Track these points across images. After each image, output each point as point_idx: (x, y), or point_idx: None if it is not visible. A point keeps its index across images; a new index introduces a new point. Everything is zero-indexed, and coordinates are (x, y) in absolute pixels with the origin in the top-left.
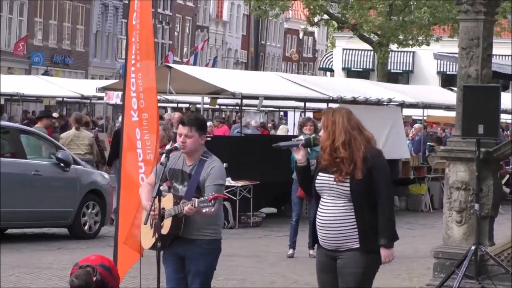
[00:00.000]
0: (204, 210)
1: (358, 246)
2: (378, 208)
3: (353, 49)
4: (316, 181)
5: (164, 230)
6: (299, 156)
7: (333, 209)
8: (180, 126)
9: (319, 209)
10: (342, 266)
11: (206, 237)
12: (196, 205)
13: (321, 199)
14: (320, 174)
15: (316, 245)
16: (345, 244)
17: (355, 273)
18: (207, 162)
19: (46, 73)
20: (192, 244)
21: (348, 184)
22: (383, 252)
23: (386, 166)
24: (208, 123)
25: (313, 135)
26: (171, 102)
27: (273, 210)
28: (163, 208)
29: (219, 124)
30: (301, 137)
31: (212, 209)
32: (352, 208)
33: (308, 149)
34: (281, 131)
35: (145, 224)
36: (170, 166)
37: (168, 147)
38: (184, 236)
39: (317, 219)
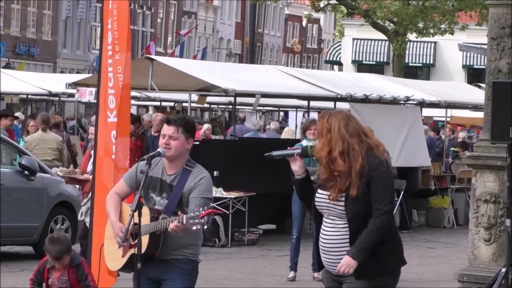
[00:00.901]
0: (194, 228)
1: (355, 275)
2: (369, 222)
3: (365, 39)
4: (316, 199)
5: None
6: (295, 167)
7: (333, 231)
8: (165, 125)
9: (321, 230)
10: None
11: (184, 256)
12: (184, 222)
13: (324, 218)
14: (319, 191)
15: (324, 268)
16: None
17: None
18: (194, 171)
19: (7, 66)
20: (168, 265)
21: (342, 204)
22: (345, 260)
23: (388, 177)
24: None
25: (311, 143)
26: (153, 100)
27: (271, 226)
28: (136, 224)
29: (197, 125)
30: (303, 142)
31: (205, 227)
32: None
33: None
34: (286, 134)
35: (123, 242)
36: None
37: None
38: (159, 257)
39: (319, 241)
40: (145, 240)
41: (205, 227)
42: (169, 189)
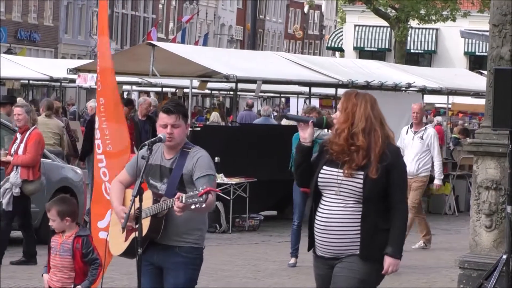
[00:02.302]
0: (193, 207)
1: (359, 253)
2: (392, 213)
3: (366, 26)
4: (320, 175)
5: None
6: (305, 134)
7: (339, 210)
8: (165, 115)
9: (320, 209)
10: (337, 271)
11: (188, 244)
12: (183, 201)
13: (323, 197)
14: (325, 167)
15: (313, 255)
16: (346, 251)
17: (350, 278)
18: (190, 152)
19: (9, 51)
20: (171, 252)
21: (361, 182)
22: (388, 260)
23: (405, 167)
24: None
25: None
26: (155, 86)
27: (272, 213)
28: (138, 208)
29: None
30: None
31: (203, 205)
32: (360, 210)
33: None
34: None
35: (124, 228)
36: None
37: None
38: (161, 242)
39: (316, 221)
40: (146, 223)
41: (203, 205)
42: (169, 173)
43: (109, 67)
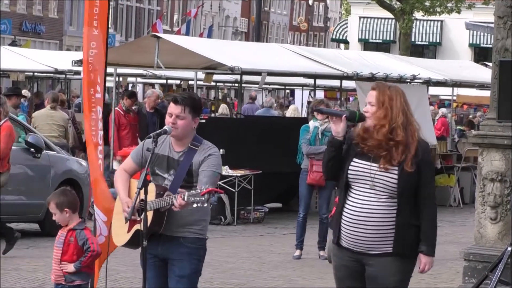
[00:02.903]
0: (195, 205)
1: (393, 250)
2: (422, 210)
3: (371, 18)
4: (351, 167)
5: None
6: (338, 128)
7: (371, 204)
8: (172, 104)
9: (349, 202)
10: (376, 276)
11: (192, 234)
12: (185, 199)
13: (353, 190)
14: (356, 160)
15: (335, 246)
16: (377, 247)
17: (393, 281)
18: (201, 148)
19: (13, 43)
20: (175, 243)
21: (396, 176)
22: (424, 259)
23: (433, 164)
24: None
25: (318, 123)
26: (160, 78)
27: (277, 205)
28: (143, 200)
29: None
30: (311, 122)
31: (205, 204)
32: (394, 205)
33: (320, 134)
34: (291, 111)
35: (129, 219)
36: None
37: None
38: (165, 233)
39: (344, 214)
40: (149, 216)
41: (205, 205)
42: (176, 165)
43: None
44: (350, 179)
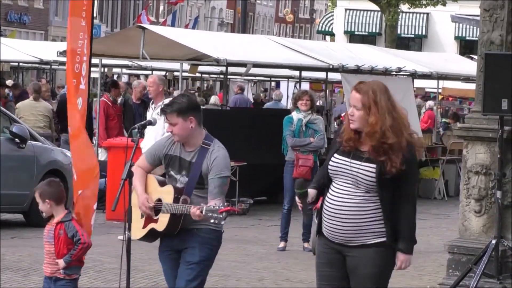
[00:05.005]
0: (212, 221)
1: (371, 242)
2: (402, 207)
3: (357, 10)
4: (331, 163)
5: (159, 227)
6: (305, 205)
7: (349, 198)
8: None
9: (329, 195)
10: (354, 266)
11: (207, 227)
12: (203, 213)
13: (334, 184)
14: (336, 155)
15: (318, 235)
16: (356, 239)
17: (372, 273)
18: (209, 150)
19: None
20: (190, 234)
21: (373, 172)
22: (401, 256)
23: (417, 161)
24: None
25: (301, 114)
26: (145, 69)
27: (262, 198)
28: (160, 200)
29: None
30: (294, 113)
31: (222, 222)
32: (372, 199)
33: (304, 126)
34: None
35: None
36: (166, 152)
37: None
38: (181, 228)
39: (325, 207)
40: (165, 218)
41: (222, 222)
42: (188, 167)
43: (75, 48)
44: (330, 174)
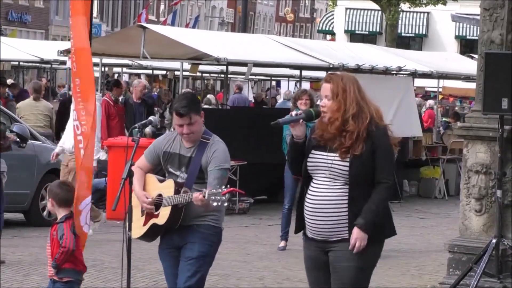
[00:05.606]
0: (215, 204)
1: (348, 236)
2: (373, 192)
3: (357, 9)
4: (309, 159)
5: (160, 220)
6: (298, 132)
7: (326, 192)
8: (178, 118)
9: (309, 192)
10: (334, 260)
11: (206, 223)
12: (206, 197)
13: (313, 180)
14: (314, 151)
15: (303, 237)
16: (336, 234)
17: (350, 267)
18: (209, 144)
19: None
20: (190, 230)
21: (347, 163)
22: (356, 233)
23: (391, 145)
24: None
25: (311, 108)
26: (145, 68)
27: (263, 197)
28: (160, 195)
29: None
30: (293, 112)
31: (225, 204)
32: (347, 193)
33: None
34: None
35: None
36: (164, 149)
37: None
38: (182, 224)
39: (306, 204)
40: (166, 211)
41: (225, 204)
42: (188, 162)
43: (85, 47)
44: (309, 171)
